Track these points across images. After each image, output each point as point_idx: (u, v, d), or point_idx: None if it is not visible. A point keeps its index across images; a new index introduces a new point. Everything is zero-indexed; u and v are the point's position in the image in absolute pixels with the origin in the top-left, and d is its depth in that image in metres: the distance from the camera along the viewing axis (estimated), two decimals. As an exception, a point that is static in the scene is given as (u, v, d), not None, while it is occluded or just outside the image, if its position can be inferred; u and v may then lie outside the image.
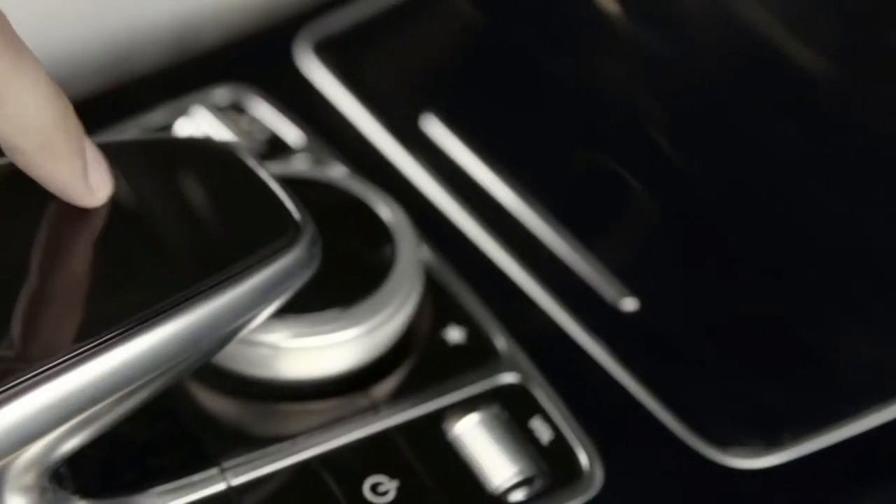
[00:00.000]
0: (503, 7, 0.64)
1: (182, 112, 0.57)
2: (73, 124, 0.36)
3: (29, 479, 0.36)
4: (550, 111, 0.58)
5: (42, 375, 0.33)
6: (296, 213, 0.39)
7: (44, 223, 0.38)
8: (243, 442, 0.43)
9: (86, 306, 0.36)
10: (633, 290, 0.50)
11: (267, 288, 0.38)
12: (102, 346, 0.34)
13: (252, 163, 0.41)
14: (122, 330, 0.35)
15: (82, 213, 0.38)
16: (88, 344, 0.34)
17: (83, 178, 0.37)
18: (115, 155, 0.41)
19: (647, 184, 0.55)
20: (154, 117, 0.57)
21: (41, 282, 0.36)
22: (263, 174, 0.41)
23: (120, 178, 0.40)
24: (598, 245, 0.52)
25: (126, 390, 0.35)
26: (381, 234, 0.46)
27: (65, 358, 0.34)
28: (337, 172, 0.52)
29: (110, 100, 0.61)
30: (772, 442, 0.46)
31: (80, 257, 0.37)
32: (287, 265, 0.38)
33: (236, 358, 0.44)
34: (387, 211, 0.47)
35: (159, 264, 0.37)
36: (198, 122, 0.56)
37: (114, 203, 0.39)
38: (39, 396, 0.33)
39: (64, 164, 0.37)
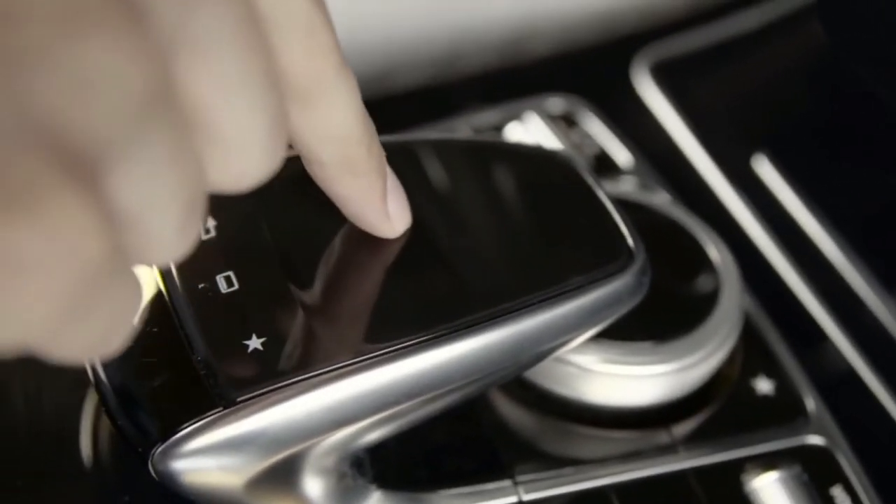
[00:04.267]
0: (852, 52, 0.62)
1: (514, 116, 0.57)
2: (377, 144, 0.34)
3: (329, 462, 0.36)
4: (889, 166, 0.56)
5: (365, 364, 0.34)
6: (630, 239, 0.39)
7: None
8: (538, 458, 0.43)
9: (414, 304, 0.36)
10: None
11: (593, 311, 0.37)
12: (425, 344, 0.35)
13: (591, 180, 0.41)
14: (446, 332, 0.35)
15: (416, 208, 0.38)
16: (412, 340, 0.34)
17: (382, 200, 0.36)
18: (449, 152, 0.41)
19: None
20: (485, 117, 0.57)
21: (372, 274, 0.37)
22: (601, 194, 0.40)
23: (455, 177, 0.40)
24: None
25: (440, 391, 0.35)
26: (706, 273, 0.45)
27: (388, 350, 0.34)
28: (661, 199, 0.51)
29: (440, 95, 0.62)
30: None
31: (412, 253, 0.37)
32: (616, 291, 0.37)
33: (542, 373, 0.44)
34: (714, 250, 0.46)
35: (490, 270, 0.37)
36: (529, 128, 0.56)
37: (449, 200, 0.39)
38: (359, 383, 0.34)
39: (363, 181, 0.35)
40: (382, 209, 0.36)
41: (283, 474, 0.35)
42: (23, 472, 0.39)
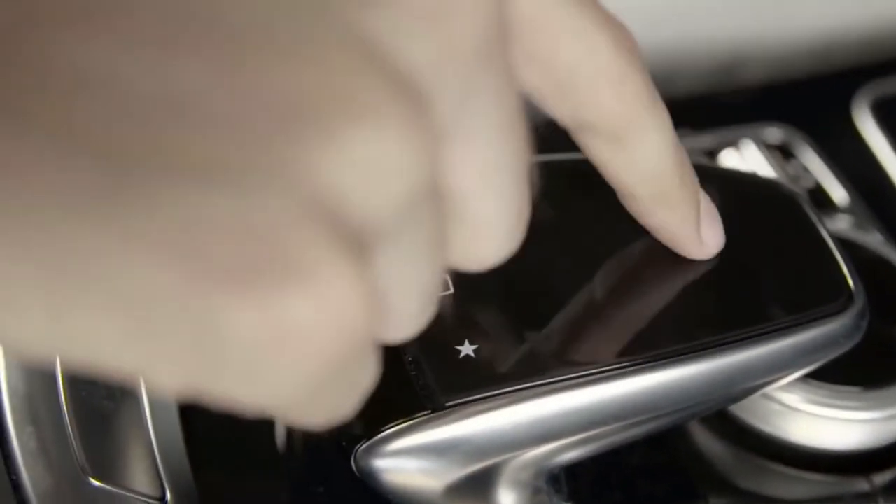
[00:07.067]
0: None
1: (730, 143, 0.56)
2: (689, 173, 0.35)
3: (525, 475, 0.36)
4: None
5: (574, 382, 0.34)
6: (850, 280, 0.38)
7: (604, 231, 0.38)
8: (732, 492, 0.43)
9: (629, 327, 0.36)
10: None
11: (808, 350, 0.36)
12: (637, 368, 0.34)
13: (814, 217, 0.40)
14: (658, 358, 0.34)
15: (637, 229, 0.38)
16: (625, 363, 0.34)
17: (695, 227, 0.36)
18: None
19: None
20: (699, 142, 0.56)
21: (587, 293, 0.37)
22: (823, 230, 0.39)
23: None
24: None
25: (647, 416, 0.35)
26: (919, 321, 0.44)
27: (598, 371, 0.34)
28: (875, 240, 0.50)
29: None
30: None
31: (630, 276, 0.37)
32: (833, 332, 0.37)
33: (742, 407, 0.43)
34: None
35: (706, 300, 0.37)
36: (745, 156, 0.55)
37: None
38: (566, 401, 0.34)
39: (676, 213, 0.35)
40: (695, 236, 0.36)
41: (481, 483, 0.35)
42: (219, 457, 0.40)
